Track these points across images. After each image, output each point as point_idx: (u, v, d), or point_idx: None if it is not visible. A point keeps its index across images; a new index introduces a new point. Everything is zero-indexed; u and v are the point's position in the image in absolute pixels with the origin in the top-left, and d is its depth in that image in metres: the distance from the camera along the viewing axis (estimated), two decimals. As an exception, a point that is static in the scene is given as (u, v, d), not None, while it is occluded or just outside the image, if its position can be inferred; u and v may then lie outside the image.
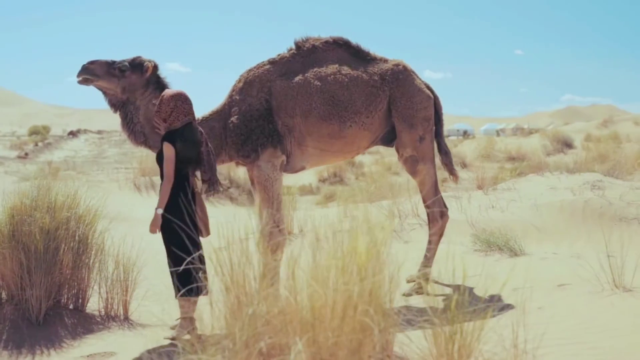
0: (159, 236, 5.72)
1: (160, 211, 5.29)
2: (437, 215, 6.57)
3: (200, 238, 5.50)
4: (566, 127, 43.73)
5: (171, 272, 5.33)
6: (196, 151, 5.44)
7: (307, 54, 6.42)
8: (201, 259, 5.30)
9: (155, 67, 6.04)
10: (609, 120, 43.45)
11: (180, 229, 5.15)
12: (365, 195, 11.02)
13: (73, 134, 61.18)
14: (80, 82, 5.96)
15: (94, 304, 6.05)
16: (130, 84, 5.97)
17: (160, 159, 5.42)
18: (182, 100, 5.43)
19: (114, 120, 6.31)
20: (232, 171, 17.20)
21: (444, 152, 6.87)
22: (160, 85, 6.06)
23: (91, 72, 5.89)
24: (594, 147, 25.94)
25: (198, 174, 5.57)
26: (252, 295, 3.38)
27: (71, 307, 5.97)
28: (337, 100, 6.20)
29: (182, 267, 4.85)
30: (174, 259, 5.20)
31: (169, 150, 5.31)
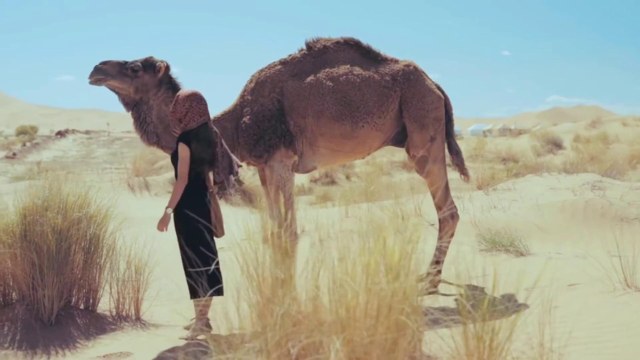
0: (168, 236, 5.72)
1: (170, 210, 5.28)
2: (447, 215, 6.60)
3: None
4: (555, 128, 43.99)
5: (187, 273, 5.31)
6: (211, 152, 5.44)
7: (318, 54, 6.43)
8: (214, 260, 5.31)
9: (168, 68, 6.04)
10: (597, 121, 43.69)
11: (198, 229, 5.17)
12: (368, 196, 11.06)
13: (61, 134, 60.86)
14: (92, 83, 5.95)
15: (104, 304, 6.04)
16: (142, 84, 5.97)
17: (175, 159, 5.41)
18: (197, 101, 5.42)
19: (102, 120, 6.32)
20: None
21: (455, 152, 6.91)
22: (173, 85, 6.07)
23: (104, 73, 5.89)
24: (583, 147, 26.16)
25: (211, 174, 5.56)
26: (282, 294, 3.38)
27: (82, 307, 5.96)
28: (349, 101, 6.22)
29: (212, 268, 4.89)
30: (191, 260, 5.18)
31: (184, 150, 5.30)
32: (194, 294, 5.29)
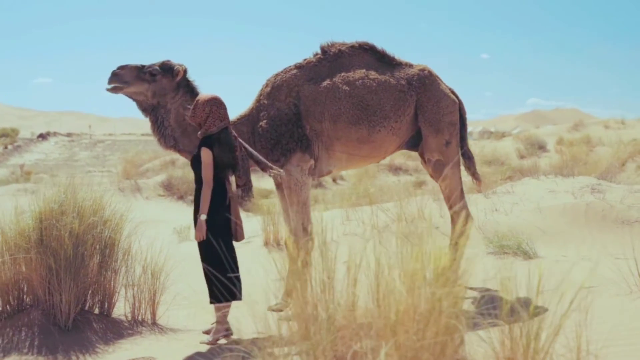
0: (175, 240, 5.70)
1: (204, 217, 5.23)
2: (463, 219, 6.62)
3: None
4: (538, 131, 44.31)
5: (207, 277, 5.30)
6: (232, 156, 5.43)
7: (333, 58, 6.45)
8: (235, 264, 5.32)
9: (185, 71, 6.02)
10: (580, 123, 44.09)
11: (228, 234, 5.18)
12: (370, 198, 11.08)
13: (43, 136, 60.41)
14: (109, 90, 5.90)
15: (118, 309, 6.00)
16: (160, 88, 5.94)
17: (195, 164, 5.39)
18: (217, 105, 5.41)
19: (82, 123, 6.29)
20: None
21: (468, 157, 6.95)
22: (190, 88, 6.05)
23: (122, 79, 5.85)
24: (567, 150, 26.36)
25: (232, 178, 5.56)
26: (327, 299, 3.39)
27: (96, 311, 5.92)
28: (365, 105, 6.24)
29: (239, 273, 4.88)
30: (213, 264, 5.18)
31: (207, 155, 5.29)
32: (217, 298, 5.27)
